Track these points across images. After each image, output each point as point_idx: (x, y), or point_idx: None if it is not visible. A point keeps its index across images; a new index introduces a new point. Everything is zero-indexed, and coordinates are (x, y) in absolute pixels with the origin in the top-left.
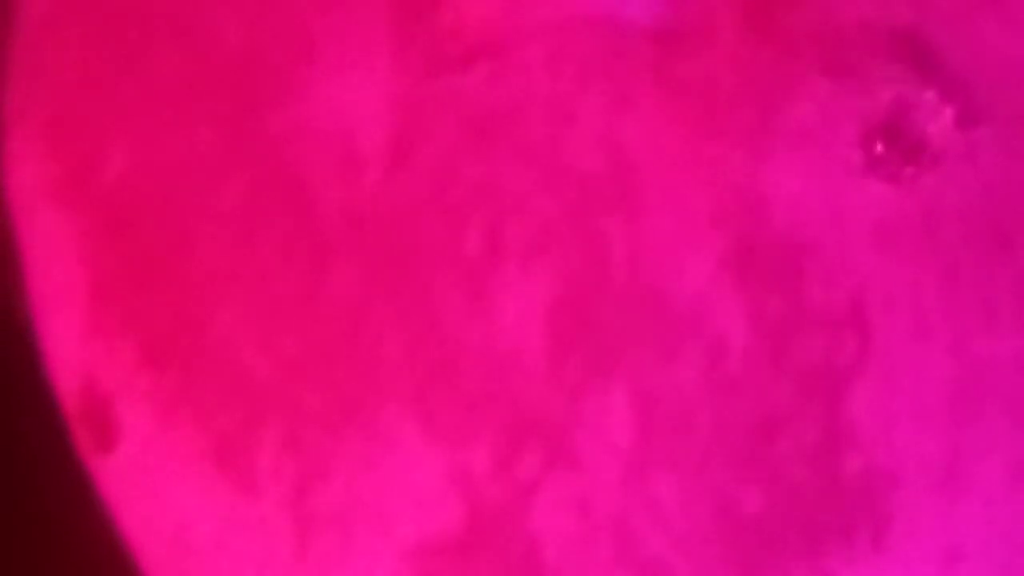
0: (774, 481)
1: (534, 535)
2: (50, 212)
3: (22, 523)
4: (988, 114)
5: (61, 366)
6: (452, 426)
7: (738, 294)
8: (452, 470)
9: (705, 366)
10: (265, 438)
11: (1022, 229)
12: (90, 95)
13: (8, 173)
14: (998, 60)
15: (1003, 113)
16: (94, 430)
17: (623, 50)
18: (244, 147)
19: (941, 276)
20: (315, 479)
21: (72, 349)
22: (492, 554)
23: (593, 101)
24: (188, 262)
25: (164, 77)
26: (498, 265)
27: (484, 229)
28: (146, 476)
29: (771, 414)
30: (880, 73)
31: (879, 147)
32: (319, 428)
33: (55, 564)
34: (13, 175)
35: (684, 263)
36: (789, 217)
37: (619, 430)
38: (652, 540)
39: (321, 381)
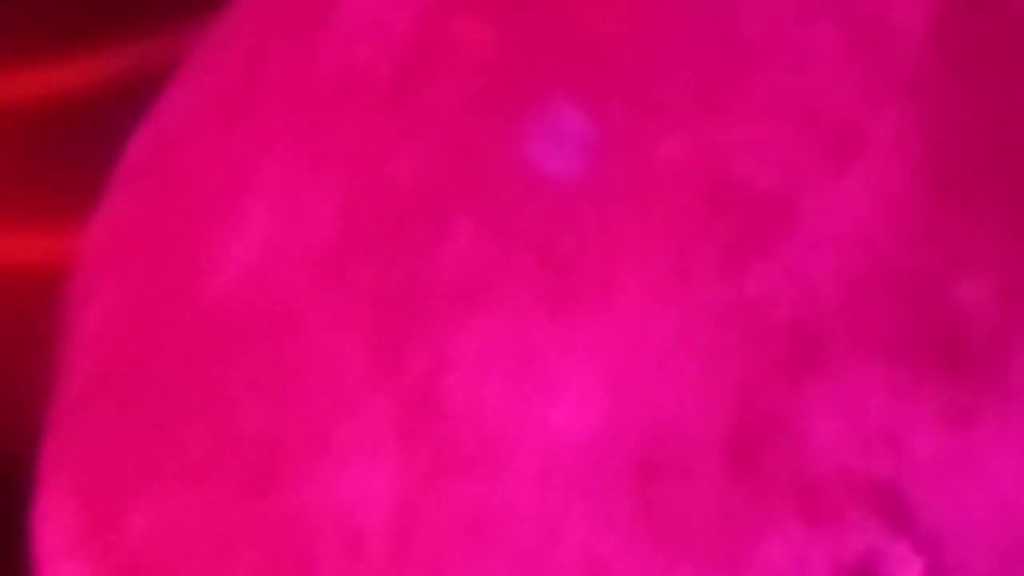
0: None
1: None
2: (69, 565)
3: None
4: (958, 571)
5: None
6: None
7: None
8: None
9: None
10: None
11: None
12: (118, 458)
13: (37, 526)
14: (972, 520)
15: (972, 571)
16: None
17: (604, 473)
18: (258, 522)
19: None
20: None
21: None
22: None
23: (576, 521)
24: None
25: (188, 450)
26: None
27: None
28: None
29: None
30: (854, 522)
31: None
32: None
33: None
34: (40, 529)
35: None
36: None
37: None
38: None
39: None
